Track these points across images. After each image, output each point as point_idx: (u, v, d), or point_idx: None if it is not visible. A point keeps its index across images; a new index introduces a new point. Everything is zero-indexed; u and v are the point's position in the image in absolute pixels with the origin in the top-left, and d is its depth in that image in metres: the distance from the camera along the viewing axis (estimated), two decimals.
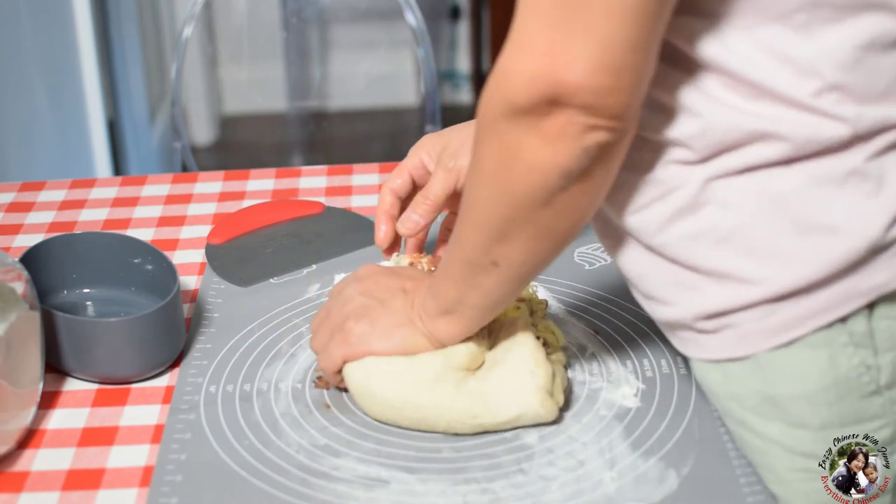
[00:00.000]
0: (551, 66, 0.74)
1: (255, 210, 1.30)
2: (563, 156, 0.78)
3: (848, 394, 0.82)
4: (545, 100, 0.75)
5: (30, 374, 0.98)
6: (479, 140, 0.82)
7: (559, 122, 0.76)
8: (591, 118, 0.76)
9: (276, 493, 0.90)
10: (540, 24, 0.75)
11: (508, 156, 0.79)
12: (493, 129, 0.79)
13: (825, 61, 0.78)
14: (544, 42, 0.75)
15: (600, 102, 0.75)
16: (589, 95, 0.75)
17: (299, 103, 3.17)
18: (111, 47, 2.80)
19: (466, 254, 0.88)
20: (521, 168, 0.79)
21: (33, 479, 0.93)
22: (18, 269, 0.99)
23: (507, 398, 0.94)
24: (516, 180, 0.80)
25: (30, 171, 2.17)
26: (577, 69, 0.74)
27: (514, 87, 0.77)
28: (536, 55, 0.75)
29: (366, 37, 3.05)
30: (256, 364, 1.06)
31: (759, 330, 0.82)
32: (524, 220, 0.82)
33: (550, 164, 0.78)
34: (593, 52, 0.74)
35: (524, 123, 0.77)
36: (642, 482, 0.90)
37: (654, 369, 1.03)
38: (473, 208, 0.85)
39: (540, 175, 0.79)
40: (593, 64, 0.74)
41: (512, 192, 0.81)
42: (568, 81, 0.74)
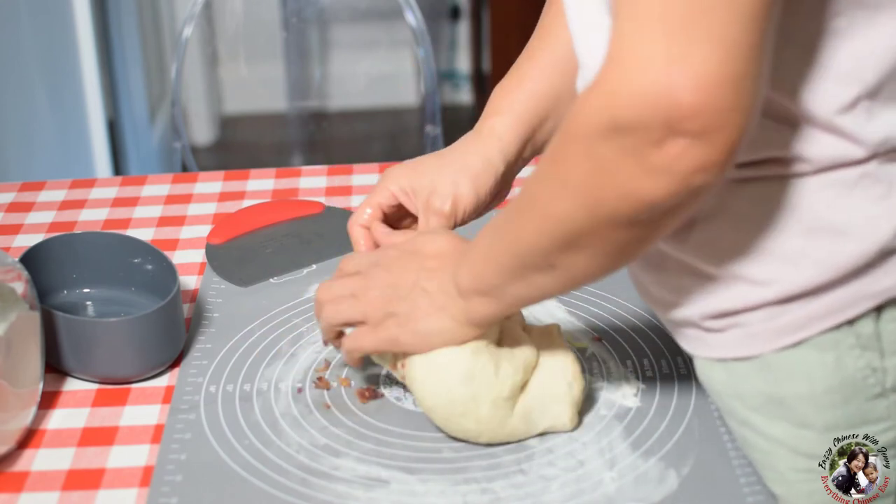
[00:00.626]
0: (668, 84, 0.68)
1: (255, 210, 1.30)
2: (663, 191, 0.71)
3: (853, 396, 0.81)
4: (658, 123, 0.69)
5: (30, 374, 0.98)
6: (565, 147, 0.76)
7: (669, 155, 0.69)
8: (706, 150, 0.69)
9: (276, 493, 0.90)
10: (654, 36, 0.69)
11: (601, 176, 0.73)
12: (587, 143, 0.73)
13: (865, 66, 0.76)
14: (660, 52, 0.68)
15: (722, 124, 0.68)
16: (709, 117, 0.68)
17: (299, 103, 3.17)
18: (111, 47, 2.80)
19: (523, 252, 0.83)
20: (612, 191, 0.73)
21: (33, 479, 0.93)
22: (18, 269, 0.99)
23: (543, 411, 0.94)
24: (604, 202, 0.74)
25: (30, 171, 2.17)
26: (698, 85, 0.67)
27: (621, 105, 0.70)
28: (650, 71, 0.68)
29: (366, 37, 3.05)
30: (256, 364, 1.06)
31: (766, 330, 0.82)
32: (599, 236, 0.77)
33: (648, 197, 0.72)
34: (715, 61, 0.67)
35: (627, 146, 0.71)
36: (642, 482, 0.90)
37: (654, 369, 1.03)
38: (542, 213, 0.80)
39: (633, 203, 0.73)
40: (715, 75, 0.67)
41: (594, 211, 0.75)
42: (686, 101, 0.67)
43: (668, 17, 0.68)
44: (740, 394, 0.85)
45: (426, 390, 0.93)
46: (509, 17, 3.20)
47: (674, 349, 1.04)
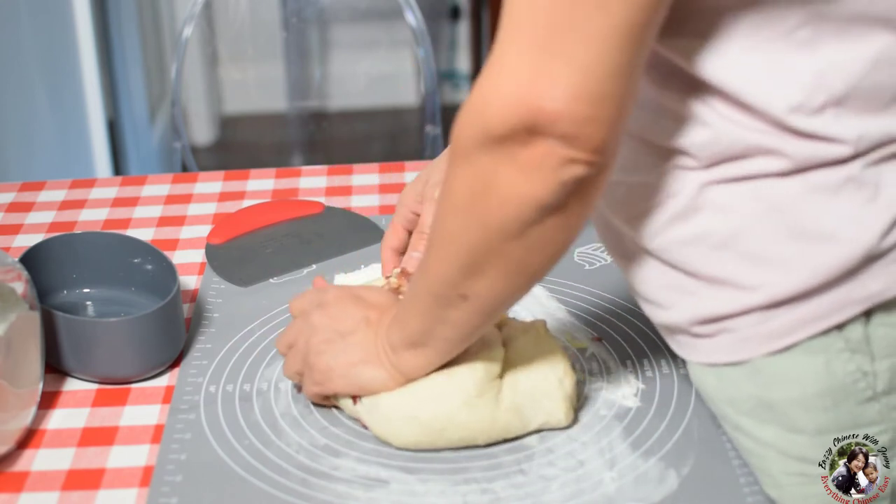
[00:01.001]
0: (531, 92, 0.72)
1: (255, 210, 1.30)
2: (539, 188, 0.75)
3: (844, 400, 0.82)
4: (523, 127, 0.73)
5: (30, 374, 0.98)
6: (451, 169, 0.79)
7: (537, 153, 0.74)
8: (569, 150, 0.73)
9: (276, 493, 0.90)
10: (520, 48, 0.73)
11: (482, 186, 0.77)
12: (467, 158, 0.77)
13: (832, 75, 0.77)
14: (524, 67, 0.73)
15: (580, 132, 0.73)
16: (568, 124, 0.72)
17: (299, 103, 3.17)
18: (111, 47, 2.80)
19: (434, 286, 0.85)
20: (495, 199, 0.77)
21: (33, 479, 0.93)
22: (18, 269, 0.99)
23: (535, 407, 0.94)
24: (490, 211, 0.78)
25: (30, 171, 2.17)
26: (558, 95, 0.72)
27: (491, 114, 0.74)
28: (516, 80, 0.73)
29: (366, 37, 3.05)
30: (256, 364, 1.06)
31: (755, 335, 0.82)
32: (496, 253, 0.80)
33: (526, 197, 0.76)
34: (575, 78, 0.72)
35: (500, 152, 0.75)
36: (642, 482, 0.90)
37: (654, 369, 1.03)
38: (442, 239, 0.83)
39: (515, 207, 0.77)
40: (574, 90, 0.72)
41: (484, 224, 0.78)
42: (547, 108, 0.72)
43: (534, 35, 0.73)
44: (731, 398, 0.85)
45: (391, 434, 0.94)
46: None
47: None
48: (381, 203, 1.34)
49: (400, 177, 1.40)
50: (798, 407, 0.82)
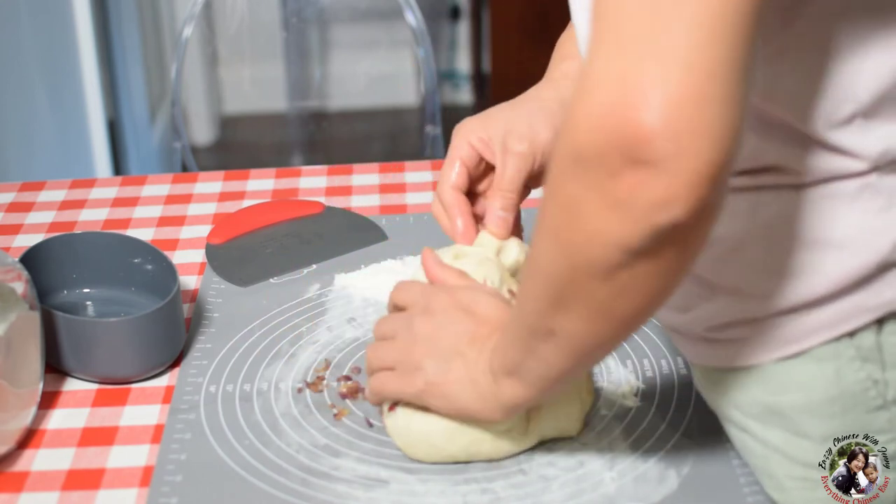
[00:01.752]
0: (621, 101, 0.62)
1: (255, 210, 1.30)
2: (627, 230, 0.65)
3: (853, 407, 0.81)
4: (615, 148, 0.63)
5: (30, 374, 0.98)
6: (545, 188, 0.70)
7: (628, 184, 0.63)
8: (667, 181, 0.62)
9: (276, 493, 0.90)
10: (609, 53, 0.64)
11: (570, 214, 0.68)
12: (558, 180, 0.68)
13: (861, 85, 0.76)
14: (613, 73, 0.63)
15: (681, 151, 0.61)
16: (667, 140, 0.61)
17: (299, 103, 3.17)
18: (111, 47, 2.80)
19: (527, 315, 0.78)
20: (580, 233, 0.68)
21: (33, 479, 0.93)
22: (18, 269, 0.99)
23: (553, 423, 0.94)
24: (574, 245, 0.69)
25: (30, 171, 2.17)
26: (653, 103, 0.61)
27: (580, 130, 0.65)
28: (604, 90, 0.63)
29: (366, 37, 3.05)
30: (256, 364, 1.06)
31: (766, 341, 0.82)
32: (581, 290, 0.71)
33: (611, 236, 0.66)
34: (671, 78, 0.61)
35: (589, 178, 0.65)
36: (642, 482, 0.90)
37: (654, 369, 1.03)
38: (533, 266, 0.76)
39: (600, 246, 0.67)
40: (672, 94, 0.61)
41: (569, 258, 0.70)
42: (641, 120, 0.61)
43: (623, 33, 0.63)
44: (738, 402, 0.85)
45: (410, 452, 0.93)
46: (509, 17, 3.20)
47: (674, 349, 1.04)
48: (381, 203, 1.34)
49: (400, 177, 1.40)
50: (806, 413, 0.82)
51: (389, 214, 1.31)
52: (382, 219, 1.30)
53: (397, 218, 1.30)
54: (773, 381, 0.82)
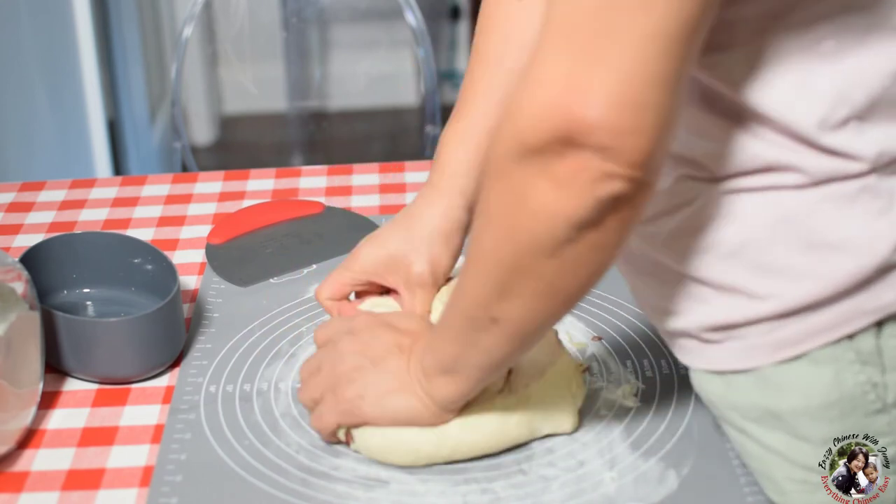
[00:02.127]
0: (566, 100, 0.69)
1: (255, 210, 1.30)
2: (573, 203, 0.71)
3: (852, 411, 0.81)
4: (558, 138, 0.69)
5: (30, 374, 0.98)
6: (486, 182, 0.76)
7: (572, 166, 0.70)
8: (607, 163, 0.69)
9: (276, 494, 0.90)
10: (557, 55, 0.70)
11: (514, 200, 0.74)
12: (501, 170, 0.74)
13: (854, 88, 0.76)
14: (560, 74, 0.69)
15: (618, 144, 0.69)
16: (606, 135, 0.68)
17: (299, 103, 3.17)
18: (111, 47, 2.80)
19: (466, 308, 0.82)
20: (526, 214, 0.73)
21: (33, 479, 0.93)
22: (18, 269, 0.99)
23: (545, 419, 0.94)
24: (521, 227, 0.74)
25: (30, 171, 2.17)
26: (595, 103, 0.68)
27: (525, 123, 0.71)
28: (551, 88, 0.69)
29: (366, 37, 3.05)
30: (256, 364, 1.06)
31: (764, 343, 0.82)
32: (527, 272, 0.76)
33: (558, 212, 0.72)
34: (614, 84, 0.68)
35: (534, 164, 0.71)
36: (642, 482, 0.90)
37: (654, 369, 1.03)
38: (476, 258, 0.80)
39: (546, 222, 0.73)
40: (614, 98, 0.68)
41: (516, 240, 0.75)
42: (584, 117, 0.68)
43: (572, 40, 0.69)
44: (737, 405, 0.85)
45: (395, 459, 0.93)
46: None
47: None
48: (381, 203, 1.34)
49: (400, 177, 1.40)
50: (805, 417, 0.82)
51: (390, 214, 1.31)
52: (382, 219, 1.30)
53: None
54: (772, 385, 0.82)
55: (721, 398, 0.86)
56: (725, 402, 0.86)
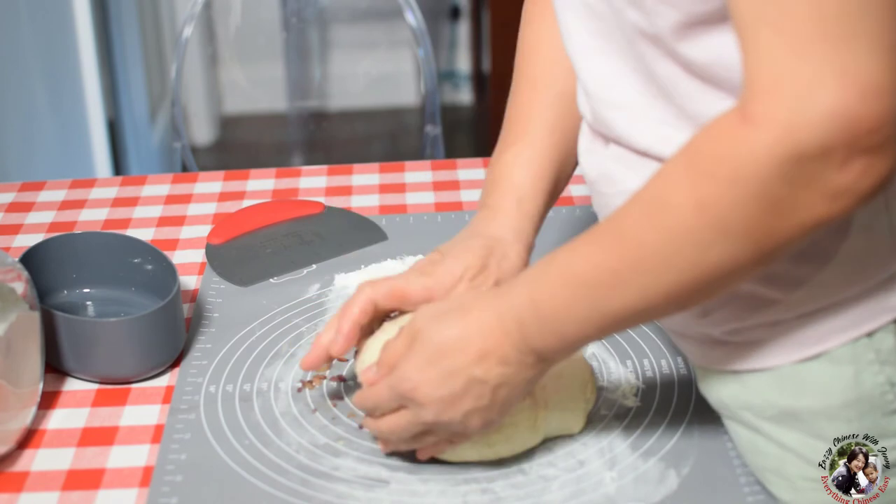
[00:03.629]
0: (845, 97, 0.64)
1: (255, 210, 1.30)
2: (842, 211, 0.68)
3: (870, 411, 0.81)
4: (842, 143, 0.65)
5: (30, 374, 0.98)
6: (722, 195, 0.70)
7: (853, 174, 0.66)
8: (886, 161, 0.66)
9: (276, 493, 0.90)
10: (812, 49, 0.65)
11: (775, 214, 0.69)
12: (756, 185, 0.68)
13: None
14: (827, 70, 0.64)
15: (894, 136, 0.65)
16: (889, 124, 0.64)
17: (299, 103, 3.17)
18: (111, 47, 2.80)
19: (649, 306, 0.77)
20: (788, 226, 0.69)
21: (33, 479, 0.93)
22: (18, 269, 0.99)
23: (557, 420, 0.94)
24: (776, 237, 0.70)
25: (30, 171, 2.17)
26: (882, 88, 0.64)
27: (802, 134, 0.65)
28: (823, 88, 0.64)
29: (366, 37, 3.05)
30: (256, 364, 1.06)
31: (784, 343, 0.81)
32: (752, 271, 0.74)
33: (824, 222, 0.69)
34: (886, 66, 0.64)
35: (806, 177, 0.67)
36: (642, 482, 0.90)
37: (654, 369, 1.03)
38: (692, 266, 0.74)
39: (807, 231, 0.70)
40: (888, 82, 0.64)
41: (762, 249, 0.71)
42: (872, 109, 0.64)
43: (825, 31, 0.65)
44: (752, 405, 0.85)
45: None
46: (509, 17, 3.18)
47: (674, 349, 1.04)
48: (381, 203, 1.34)
49: (400, 177, 1.40)
50: (823, 416, 0.82)
51: (389, 214, 1.31)
52: (382, 219, 1.30)
53: (397, 218, 1.30)
54: (790, 384, 0.82)
55: (735, 398, 0.86)
56: (739, 403, 0.85)
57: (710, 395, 0.89)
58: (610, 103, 0.85)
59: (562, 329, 0.81)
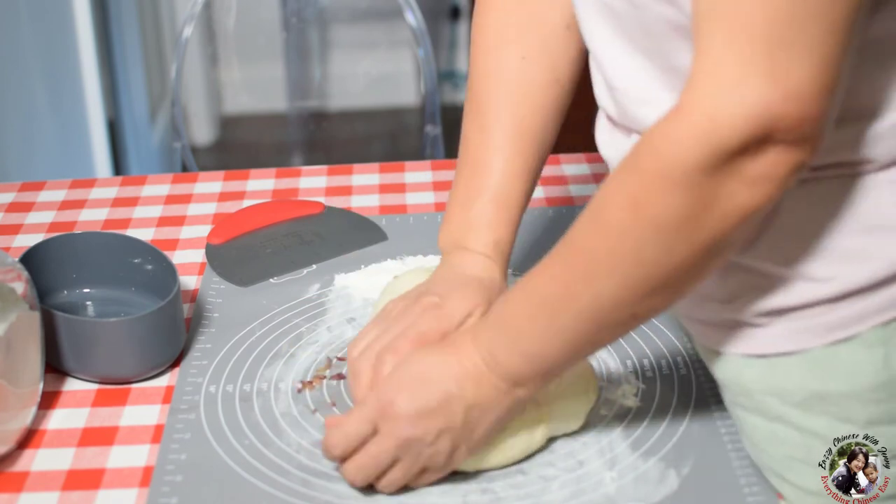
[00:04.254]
0: (770, 97, 0.68)
1: (255, 210, 1.30)
2: (763, 199, 0.72)
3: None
4: (758, 137, 0.69)
5: (30, 374, 0.98)
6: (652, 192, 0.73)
7: (768, 163, 0.70)
8: (799, 152, 0.70)
9: (276, 493, 0.90)
10: (742, 54, 0.69)
11: (704, 207, 0.72)
12: (684, 180, 0.72)
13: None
14: (760, 72, 0.68)
15: (816, 132, 0.70)
16: (809, 126, 0.69)
17: (299, 103, 3.17)
18: (111, 47, 2.80)
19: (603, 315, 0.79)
20: (716, 217, 0.73)
21: (33, 479, 0.93)
22: (18, 269, 0.99)
23: (558, 421, 0.94)
24: (706, 229, 0.73)
25: (30, 171, 2.17)
26: (804, 94, 0.68)
27: (723, 131, 0.69)
28: (750, 88, 0.68)
29: (366, 37, 3.05)
30: (256, 364, 1.06)
31: (817, 325, 0.82)
32: (697, 267, 0.76)
33: (749, 210, 0.72)
34: (816, 73, 0.68)
35: (726, 170, 0.71)
36: (642, 482, 0.90)
37: (654, 369, 1.03)
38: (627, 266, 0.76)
39: (734, 221, 0.73)
40: (815, 89, 0.68)
41: (695, 243, 0.74)
42: (792, 112, 0.68)
43: (767, 33, 0.68)
44: (780, 389, 0.84)
45: None
46: None
47: (674, 349, 1.04)
48: (381, 203, 1.34)
49: (400, 177, 1.40)
50: (852, 399, 0.82)
51: (389, 214, 1.31)
52: (382, 219, 1.30)
53: (397, 218, 1.30)
54: (821, 367, 0.82)
55: (760, 383, 0.85)
56: (765, 388, 0.85)
57: (729, 380, 0.88)
58: (637, 99, 0.86)
59: (527, 347, 0.83)
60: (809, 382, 0.83)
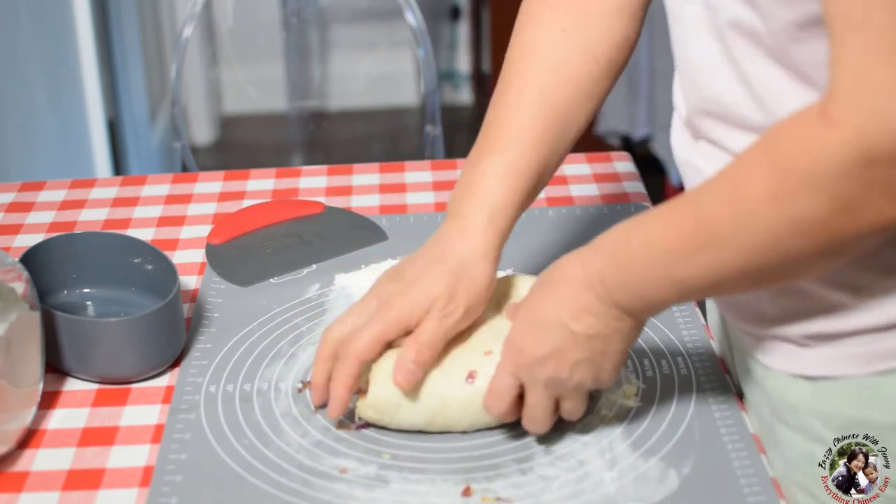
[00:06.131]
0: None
1: (255, 210, 1.30)
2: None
3: None
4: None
5: (30, 374, 0.98)
6: (795, 189, 0.73)
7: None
8: None
9: (276, 493, 0.90)
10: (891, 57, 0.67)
11: (846, 213, 0.72)
12: (829, 183, 0.71)
13: None
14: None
15: None
16: None
17: (299, 103, 3.18)
18: (111, 47, 2.80)
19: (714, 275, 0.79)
20: (857, 226, 0.72)
21: (33, 479, 0.93)
22: (18, 269, 0.99)
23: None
24: (844, 235, 0.73)
25: (30, 171, 2.17)
26: None
27: (877, 138, 0.68)
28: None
29: (366, 37, 3.05)
30: (256, 364, 1.06)
31: (863, 353, 0.82)
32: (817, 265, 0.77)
33: (888, 222, 0.72)
34: None
35: (878, 179, 0.70)
36: (642, 482, 0.90)
37: (654, 369, 1.03)
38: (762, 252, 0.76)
39: (871, 231, 0.72)
40: None
41: (830, 245, 0.74)
42: None
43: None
44: (822, 413, 0.85)
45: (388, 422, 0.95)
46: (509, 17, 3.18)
47: (674, 349, 1.04)
48: (381, 203, 1.34)
49: (400, 177, 1.40)
50: (890, 430, 0.82)
51: (389, 214, 1.31)
52: (382, 219, 1.30)
53: (397, 218, 1.30)
54: (863, 396, 0.82)
55: (806, 404, 0.86)
56: (809, 409, 0.85)
57: (776, 396, 0.89)
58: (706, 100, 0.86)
59: (641, 290, 0.83)
60: (851, 411, 0.83)
